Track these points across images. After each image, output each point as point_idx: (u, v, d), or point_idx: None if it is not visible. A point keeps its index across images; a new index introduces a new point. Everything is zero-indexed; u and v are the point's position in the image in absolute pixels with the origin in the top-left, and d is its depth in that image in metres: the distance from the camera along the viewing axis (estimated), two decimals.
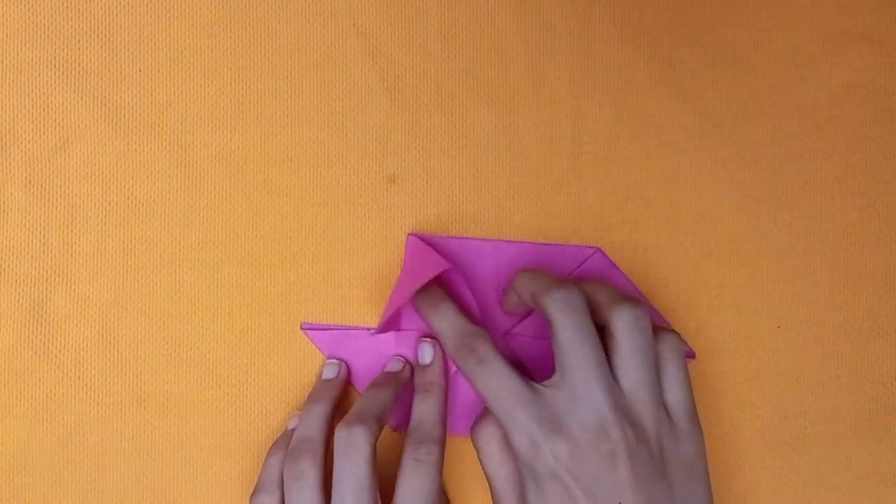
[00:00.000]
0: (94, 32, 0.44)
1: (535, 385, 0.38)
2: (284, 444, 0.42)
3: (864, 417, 0.45)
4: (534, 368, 0.44)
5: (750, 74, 0.45)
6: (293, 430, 0.42)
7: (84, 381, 0.43)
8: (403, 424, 0.43)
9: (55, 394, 0.43)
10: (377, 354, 0.44)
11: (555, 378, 0.38)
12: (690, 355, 0.44)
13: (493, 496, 0.39)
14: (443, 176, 0.44)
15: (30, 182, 0.43)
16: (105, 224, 0.44)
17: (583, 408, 0.37)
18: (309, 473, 0.39)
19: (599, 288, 0.40)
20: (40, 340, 0.43)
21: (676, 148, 0.45)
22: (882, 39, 0.46)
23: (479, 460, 0.40)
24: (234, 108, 0.44)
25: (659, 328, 0.40)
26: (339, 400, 0.43)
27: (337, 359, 0.44)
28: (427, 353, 0.43)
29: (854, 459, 0.45)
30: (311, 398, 0.42)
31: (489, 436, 0.39)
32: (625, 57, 0.45)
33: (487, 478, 0.39)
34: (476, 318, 0.42)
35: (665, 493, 0.37)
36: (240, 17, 0.44)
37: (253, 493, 0.41)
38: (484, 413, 0.40)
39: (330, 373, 0.43)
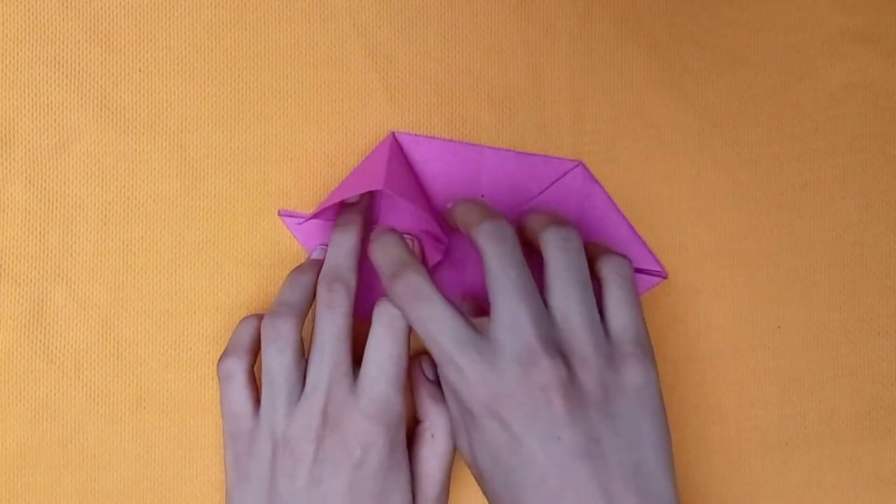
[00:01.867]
0: (94, 32, 0.44)
1: (472, 320, 0.37)
2: (257, 315, 0.42)
3: (864, 417, 0.45)
4: None
5: (750, 74, 0.45)
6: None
7: (84, 381, 0.43)
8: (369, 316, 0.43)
9: (55, 394, 0.43)
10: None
11: (490, 313, 0.37)
12: (661, 275, 0.44)
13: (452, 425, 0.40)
14: None
15: (30, 182, 0.43)
16: (105, 224, 0.44)
17: (513, 340, 0.36)
18: (290, 337, 0.39)
19: (535, 217, 0.39)
20: (40, 340, 0.43)
21: (676, 148, 0.45)
22: (882, 39, 0.46)
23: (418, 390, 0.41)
24: (234, 108, 0.44)
25: (607, 251, 0.39)
26: None
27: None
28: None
29: (854, 459, 0.45)
30: (298, 269, 0.42)
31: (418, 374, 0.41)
32: (625, 57, 0.45)
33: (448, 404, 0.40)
34: (438, 222, 0.43)
35: (607, 425, 0.35)
36: (240, 17, 0.44)
37: (221, 358, 0.40)
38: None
39: (320, 255, 0.43)
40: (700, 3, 0.45)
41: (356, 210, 0.43)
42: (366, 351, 0.39)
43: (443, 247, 0.43)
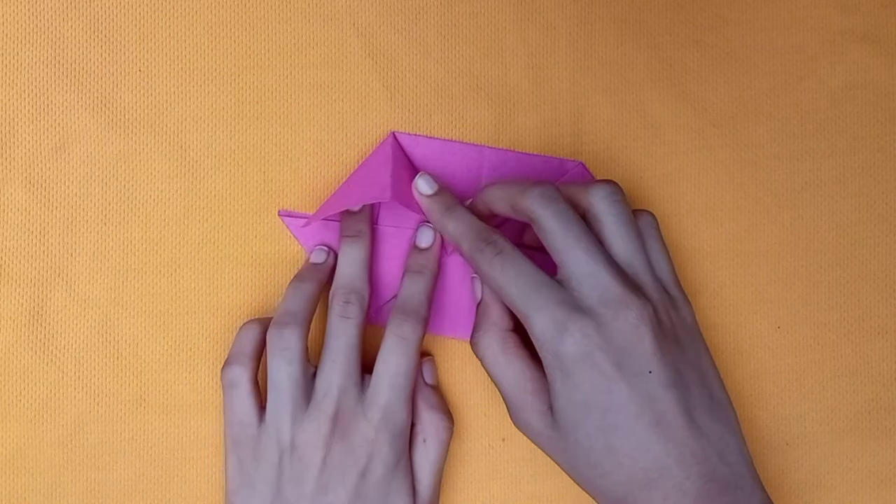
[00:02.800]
0: (94, 32, 0.44)
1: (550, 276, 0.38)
2: (258, 321, 0.42)
3: (864, 417, 0.45)
4: None
5: (750, 74, 0.45)
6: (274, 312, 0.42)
7: (84, 381, 0.43)
8: (379, 317, 0.43)
9: (55, 394, 0.43)
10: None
11: (559, 272, 0.38)
12: None
13: (504, 401, 0.40)
14: None
15: (30, 182, 0.43)
16: (105, 224, 0.44)
17: (595, 288, 0.37)
18: (297, 347, 0.40)
19: (571, 185, 0.40)
20: (40, 340, 0.43)
21: (676, 148, 0.45)
22: (882, 39, 0.46)
23: (485, 368, 0.40)
24: (234, 108, 0.44)
25: (633, 210, 0.40)
26: (325, 284, 0.43)
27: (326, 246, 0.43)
28: (425, 238, 0.43)
29: (854, 459, 0.45)
30: (298, 277, 0.42)
31: (488, 342, 0.40)
32: (625, 57, 0.45)
33: (495, 383, 0.40)
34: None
35: (682, 357, 0.38)
36: (240, 17, 0.44)
37: (225, 365, 0.41)
38: (478, 324, 0.41)
39: (318, 257, 0.43)
40: (700, 3, 0.45)
41: (363, 219, 0.43)
42: (377, 361, 0.40)
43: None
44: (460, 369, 0.45)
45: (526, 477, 0.44)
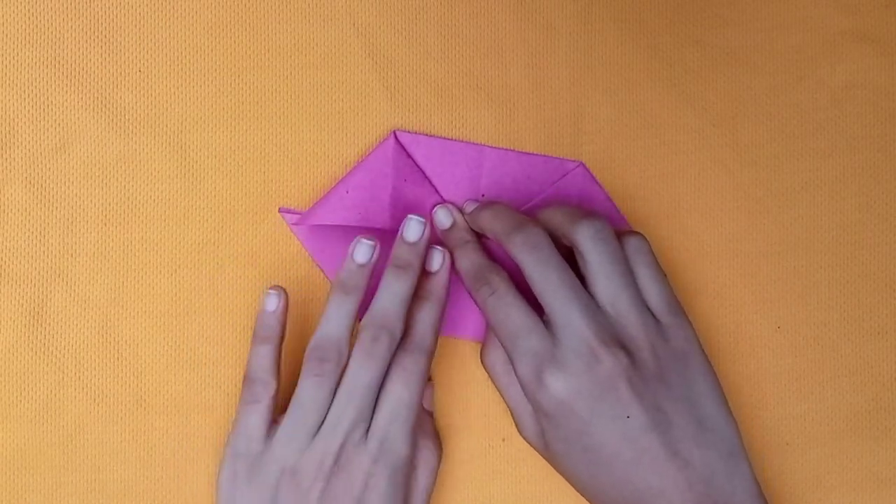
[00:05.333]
0: (94, 32, 0.44)
1: (541, 319, 0.39)
2: (264, 333, 0.41)
3: (864, 417, 0.45)
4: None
5: (750, 74, 0.45)
6: (271, 312, 0.41)
7: (84, 381, 0.43)
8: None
9: (55, 394, 0.43)
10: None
11: (545, 315, 0.39)
12: None
13: (511, 412, 0.41)
14: None
15: (30, 182, 0.43)
16: (105, 224, 0.44)
17: (570, 338, 0.38)
18: (332, 376, 0.40)
19: (558, 211, 0.41)
20: (40, 340, 0.43)
21: (676, 148, 0.45)
22: (882, 39, 0.46)
23: (491, 380, 0.42)
24: (233, 108, 0.44)
25: (621, 233, 0.40)
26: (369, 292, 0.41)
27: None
28: (436, 261, 0.42)
29: (854, 459, 0.45)
30: (342, 285, 0.40)
31: (495, 358, 0.42)
32: (625, 57, 0.45)
33: (501, 394, 0.42)
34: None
35: (666, 393, 0.38)
36: (240, 17, 0.44)
37: (248, 381, 0.41)
38: (487, 338, 0.42)
39: (363, 255, 0.41)
40: (700, 3, 0.45)
41: (416, 252, 0.41)
42: (381, 395, 0.40)
43: None
44: (460, 369, 0.45)
45: (526, 477, 0.44)
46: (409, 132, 0.44)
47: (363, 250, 0.41)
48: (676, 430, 0.38)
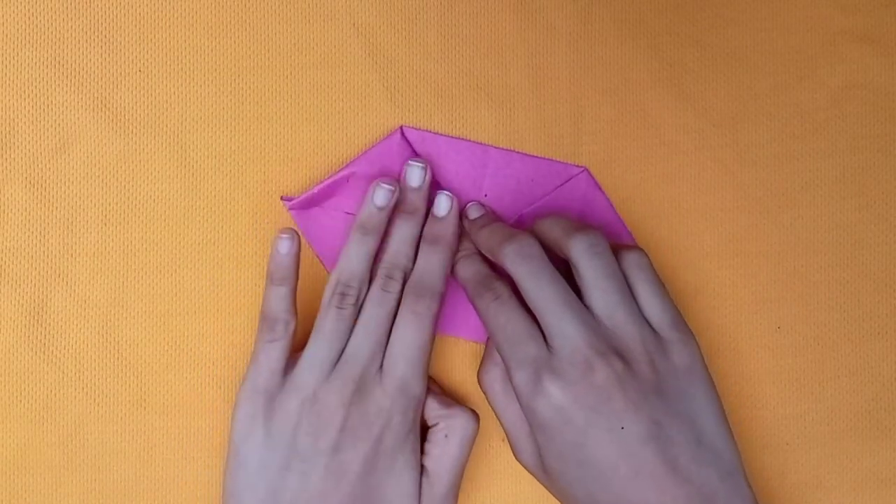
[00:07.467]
0: (94, 32, 0.44)
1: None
2: (280, 275, 0.41)
3: (864, 417, 0.45)
4: None
5: (750, 74, 0.45)
6: (285, 254, 0.41)
7: (84, 381, 0.43)
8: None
9: (55, 394, 0.43)
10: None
11: (541, 325, 0.39)
12: None
13: (506, 435, 0.41)
14: None
15: (30, 182, 0.43)
16: (105, 224, 0.44)
17: (564, 347, 0.38)
18: (352, 310, 0.41)
19: (554, 223, 0.40)
20: (40, 340, 0.43)
21: (676, 148, 0.45)
22: (882, 39, 0.46)
23: (488, 401, 0.42)
24: (233, 108, 0.44)
25: (621, 247, 0.40)
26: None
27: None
28: (443, 206, 0.43)
29: (854, 459, 0.45)
30: (362, 226, 0.42)
31: (492, 380, 0.41)
32: (625, 57, 0.45)
33: (497, 417, 0.41)
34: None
35: (663, 406, 0.37)
36: (240, 17, 0.44)
37: (267, 320, 0.41)
38: (485, 359, 0.42)
39: (382, 198, 0.42)
40: (700, 3, 0.45)
41: (422, 196, 0.43)
42: (392, 333, 0.41)
43: None
44: (461, 369, 0.45)
45: (526, 477, 0.44)
46: (415, 128, 0.44)
47: (382, 194, 0.42)
48: (675, 445, 0.37)
